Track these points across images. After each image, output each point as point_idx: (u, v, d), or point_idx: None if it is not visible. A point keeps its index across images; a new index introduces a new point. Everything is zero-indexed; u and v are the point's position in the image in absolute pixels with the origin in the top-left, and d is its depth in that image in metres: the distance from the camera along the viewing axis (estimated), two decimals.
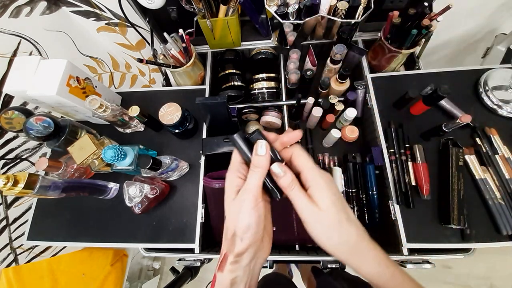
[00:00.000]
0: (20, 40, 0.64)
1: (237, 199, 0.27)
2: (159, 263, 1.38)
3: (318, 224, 0.27)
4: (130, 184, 0.53)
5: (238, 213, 0.26)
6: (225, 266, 0.27)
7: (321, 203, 0.27)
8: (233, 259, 0.26)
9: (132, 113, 0.58)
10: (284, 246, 0.59)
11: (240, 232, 0.26)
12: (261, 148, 0.27)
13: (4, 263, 0.76)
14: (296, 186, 0.27)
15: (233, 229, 0.27)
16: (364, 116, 0.68)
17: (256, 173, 0.27)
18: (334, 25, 0.63)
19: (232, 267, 0.26)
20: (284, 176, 0.27)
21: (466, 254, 0.53)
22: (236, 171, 0.28)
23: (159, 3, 0.59)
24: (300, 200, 0.27)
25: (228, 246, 0.27)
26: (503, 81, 0.59)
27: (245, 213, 0.26)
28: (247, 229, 0.26)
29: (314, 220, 0.27)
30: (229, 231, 0.27)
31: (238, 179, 0.28)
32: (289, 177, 0.27)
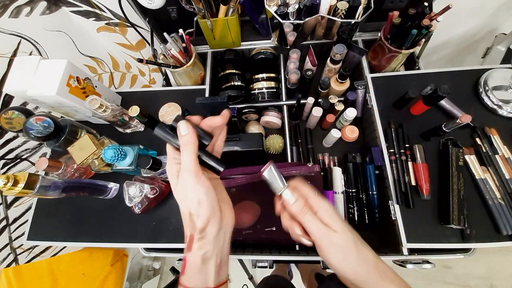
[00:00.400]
0: (20, 40, 0.64)
1: (179, 182, 0.27)
2: (159, 263, 1.38)
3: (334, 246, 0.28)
4: (130, 184, 0.53)
5: (185, 193, 0.27)
6: (192, 245, 0.27)
7: (334, 224, 0.28)
8: (198, 235, 0.27)
9: (132, 113, 0.58)
10: (284, 246, 0.59)
11: (194, 209, 0.26)
12: (183, 128, 0.27)
13: (4, 263, 0.76)
14: (309, 211, 0.28)
15: (187, 210, 0.27)
16: (364, 116, 0.68)
17: (186, 151, 0.27)
18: (334, 25, 0.63)
19: (199, 244, 0.27)
20: (296, 202, 0.28)
21: (466, 254, 0.53)
22: (172, 159, 0.29)
23: (159, 3, 0.59)
24: (314, 223, 0.28)
25: (189, 227, 0.27)
26: (503, 81, 0.59)
27: (191, 190, 0.26)
28: (199, 204, 0.26)
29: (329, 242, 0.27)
30: (185, 214, 0.27)
31: (176, 165, 0.28)
32: (301, 203, 0.28)
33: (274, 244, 0.60)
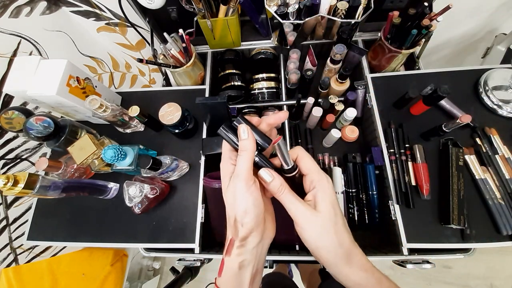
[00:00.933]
0: (20, 40, 0.64)
1: (230, 186, 0.27)
2: (159, 263, 1.38)
3: (313, 227, 0.27)
4: (130, 184, 0.53)
5: (234, 199, 0.27)
6: (232, 250, 0.27)
7: (321, 204, 0.27)
8: (238, 243, 0.27)
9: (132, 113, 0.58)
10: (284, 246, 0.59)
11: (240, 217, 0.26)
12: (243, 132, 0.27)
13: (4, 263, 0.76)
14: (286, 189, 0.27)
15: (233, 216, 0.27)
16: (364, 116, 0.68)
17: (242, 157, 0.26)
18: (334, 25, 0.63)
19: (239, 251, 0.27)
20: (273, 181, 0.27)
21: (466, 254, 0.53)
22: (228, 159, 0.29)
23: (159, 3, 0.59)
24: (291, 202, 0.27)
25: (232, 232, 0.27)
26: (503, 81, 0.59)
27: (240, 198, 0.26)
28: (245, 214, 0.26)
29: (309, 222, 0.27)
30: (230, 218, 0.27)
31: (231, 166, 0.28)
32: (278, 182, 0.27)
33: (274, 244, 0.60)
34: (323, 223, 0.27)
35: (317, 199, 0.28)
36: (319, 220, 0.27)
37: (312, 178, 0.28)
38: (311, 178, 0.28)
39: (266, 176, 0.27)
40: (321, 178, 0.28)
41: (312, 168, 0.29)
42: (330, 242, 0.27)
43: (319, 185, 0.28)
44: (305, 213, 0.27)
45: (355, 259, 0.27)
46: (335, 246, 0.27)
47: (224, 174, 0.28)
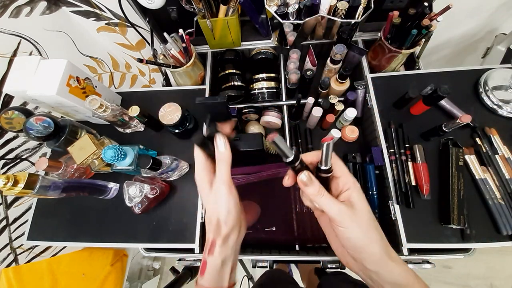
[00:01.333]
0: (20, 40, 0.64)
1: (213, 191, 0.30)
2: (159, 263, 1.38)
3: (356, 225, 0.28)
4: (130, 184, 0.53)
5: (218, 201, 0.30)
6: (214, 250, 0.30)
7: (359, 204, 0.28)
8: (221, 241, 0.30)
9: (132, 113, 0.58)
10: (284, 246, 0.59)
11: (223, 217, 0.30)
12: (221, 144, 0.30)
13: (4, 263, 0.76)
14: (325, 192, 0.28)
15: (216, 217, 0.30)
16: (364, 116, 0.68)
17: (223, 165, 0.30)
18: (334, 25, 0.63)
19: (221, 249, 0.30)
20: (311, 185, 0.28)
21: (466, 254, 0.53)
22: (204, 169, 0.32)
23: (159, 3, 0.59)
24: (333, 204, 0.28)
25: (214, 232, 0.30)
26: (503, 81, 0.59)
27: (224, 200, 0.30)
28: (228, 213, 0.30)
29: (352, 221, 0.28)
30: (212, 220, 0.30)
31: (208, 174, 0.31)
32: (316, 186, 0.28)
33: (274, 244, 0.60)
34: (367, 219, 0.28)
35: (353, 199, 0.29)
36: (363, 217, 0.28)
37: (346, 180, 0.29)
38: (344, 180, 0.30)
39: (306, 179, 0.28)
40: (354, 180, 0.30)
41: (345, 170, 0.30)
42: (376, 236, 0.28)
43: (354, 186, 0.29)
44: (347, 213, 0.28)
45: (394, 254, 0.29)
46: (381, 239, 0.28)
47: (203, 181, 0.31)
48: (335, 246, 0.33)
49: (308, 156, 0.31)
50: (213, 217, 0.30)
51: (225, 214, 0.30)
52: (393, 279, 0.28)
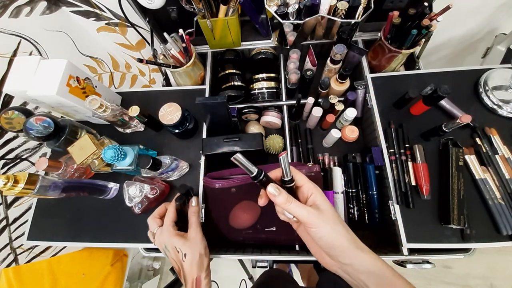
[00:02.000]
0: (20, 40, 0.64)
1: (191, 237, 0.42)
2: (159, 263, 1.38)
3: (325, 223, 0.31)
4: (130, 184, 0.53)
5: (197, 242, 0.42)
6: (201, 285, 0.39)
7: (323, 205, 0.32)
8: (205, 274, 0.40)
9: (132, 113, 0.58)
10: (284, 246, 0.59)
11: (203, 252, 0.42)
12: (195, 201, 0.47)
13: (4, 263, 0.76)
14: (293, 199, 0.32)
15: (198, 253, 0.41)
16: (364, 116, 0.68)
17: (195, 215, 0.46)
18: (334, 25, 0.63)
19: (206, 281, 0.40)
20: (280, 195, 0.31)
21: (466, 254, 0.53)
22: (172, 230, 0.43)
23: (159, 3, 0.59)
24: (302, 209, 0.31)
25: (197, 268, 0.40)
26: (503, 81, 0.59)
27: (201, 240, 0.43)
28: (205, 249, 0.42)
29: (320, 220, 0.31)
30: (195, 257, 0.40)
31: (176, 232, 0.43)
32: (284, 195, 0.31)
33: (274, 244, 0.60)
34: (332, 217, 0.31)
35: (318, 202, 0.32)
36: (329, 216, 0.31)
37: (308, 186, 0.33)
38: (306, 187, 0.33)
39: (274, 191, 0.31)
40: (315, 185, 0.34)
41: (305, 179, 0.34)
42: (342, 230, 0.31)
43: (316, 191, 0.33)
44: (315, 213, 0.31)
45: (361, 245, 0.32)
46: (347, 233, 0.32)
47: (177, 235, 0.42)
48: (313, 250, 0.36)
49: (273, 173, 0.35)
50: (195, 254, 0.40)
51: (203, 249, 0.42)
52: (366, 268, 0.30)
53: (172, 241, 0.41)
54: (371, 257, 0.31)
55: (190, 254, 0.39)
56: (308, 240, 0.37)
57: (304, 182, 0.34)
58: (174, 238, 0.41)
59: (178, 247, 0.40)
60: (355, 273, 0.31)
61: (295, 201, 0.32)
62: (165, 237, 0.41)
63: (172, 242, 0.40)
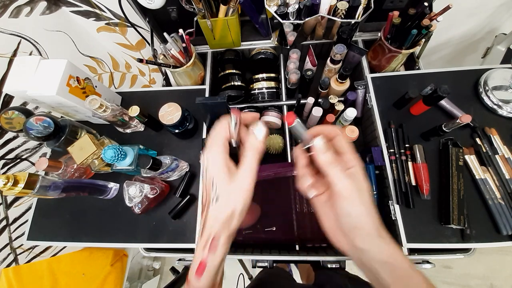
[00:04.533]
0: (20, 40, 0.64)
1: (237, 179, 0.27)
2: (159, 263, 1.38)
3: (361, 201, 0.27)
4: (130, 184, 0.53)
5: (239, 191, 0.27)
6: (217, 247, 0.27)
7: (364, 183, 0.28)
8: (226, 237, 0.27)
9: (132, 113, 0.58)
10: (284, 246, 0.59)
11: (239, 210, 0.27)
12: (260, 133, 0.28)
13: (4, 263, 0.76)
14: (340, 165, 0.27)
15: (232, 208, 0.27)
16: (364, 116, 0.68)
17: (254, 154, 0.28)
18: (334, 25, 0.63)
19: (225, 246, 0.27)
20: (328, 152, 0.27)
21: (466, 254, 0.53)
22: (224, 151, 0.28)
23: (159, 3, 0.59)
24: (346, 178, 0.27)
25: (220, 226, 0.27)
26: (503, 81, 0.59)
27: (246, 191, 0.27)
28: (244, 207, 0.27)
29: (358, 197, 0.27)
30: (224, 211, 0.27)
31: (227, 159, 0.28)
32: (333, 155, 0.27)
33: (274, 244, 0.60)
34: (369, 198, 0.27)
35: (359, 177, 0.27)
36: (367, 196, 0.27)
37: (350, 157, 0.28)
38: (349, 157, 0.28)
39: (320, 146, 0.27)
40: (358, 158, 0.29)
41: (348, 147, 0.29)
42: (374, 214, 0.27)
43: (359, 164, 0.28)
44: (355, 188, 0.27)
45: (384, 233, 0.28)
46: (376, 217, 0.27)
47: (223, 167, 0.28)
48: (328, 224, 0.31)
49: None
50: (227, 207, 0.27)
51: (241, 207, 0.27)
52: (382, 258, 0.27)
53: (214, 169, 0.28)
54: (390, 247, 0.28)
55: (223, 204, 0.27)
56: (325, 213, 0.31)
57: (347, 151, 0.29)
58: (220, 166, 0.28)
59: (215, 182, 0.27)
60: (369, 260, 0.28)
61: (342, 165, 0.27)
62: (211, 157, 0.28)
63: (214, 170, 0.28)
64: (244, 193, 0.27)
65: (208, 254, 0.27)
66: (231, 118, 0.28)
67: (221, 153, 0.28)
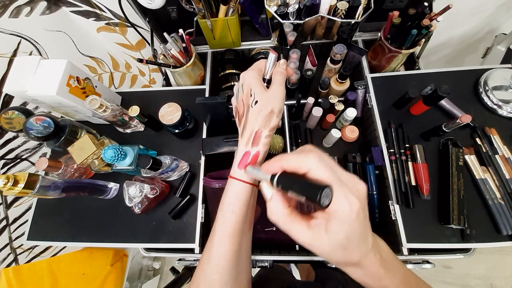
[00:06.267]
0: (20, 40, 0.64)
1: (272, 89, 0.33)
2: (159, 263, 1.38)
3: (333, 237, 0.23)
4: (130, 184, 0.53)
5: (276, 97, 0.33)
6: (260, 140, 0.32)
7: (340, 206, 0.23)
8: (268, 132, 0.32)
9: (132, 113, 0.58)
10: (284, 246, 0.59)
11: (278, 111, 0.33)
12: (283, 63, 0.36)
13: (4, 263, 0.76)
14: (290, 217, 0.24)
15: (271, 107, 0.32)
16: (364, 116, 0.68)
17: (282, 75, 0.35)
18: (334, 25, 0.63)
19: (266, 141, 0.32)
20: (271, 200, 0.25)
21: (466, 254, 0.53)
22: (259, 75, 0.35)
23: (159, 3, 0.59)
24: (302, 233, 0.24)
25: (262, 122, 0.32)
26: (503, 81, 0.59)
27: (281, 97, 0.33)
28: (281, 109, 0.33)
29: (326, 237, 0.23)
30: (264, 109, 0.32)
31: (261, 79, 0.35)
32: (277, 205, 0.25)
33: (274, 244, 0.60)
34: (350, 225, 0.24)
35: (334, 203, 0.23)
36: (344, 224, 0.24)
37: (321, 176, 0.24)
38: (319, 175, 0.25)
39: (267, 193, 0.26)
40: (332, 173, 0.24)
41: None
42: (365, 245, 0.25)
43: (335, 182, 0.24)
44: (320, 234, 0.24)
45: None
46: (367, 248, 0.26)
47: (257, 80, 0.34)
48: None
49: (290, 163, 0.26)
50: (267, 107, 0.32)
51: (279, 107, 0.32)
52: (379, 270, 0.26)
53: (251, 81, 0.34)
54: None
55: (262, 104, 0.32)
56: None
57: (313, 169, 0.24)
58: (256, 80, 0.34)
59: (253, 91, 0.33)
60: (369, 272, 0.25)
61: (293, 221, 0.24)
62: (248, 75, 0.35)
63: (251, 82, 0.34)
64: (279, 96, 0.33)
65: (252, 147, 0.32)
66: (270, 56, 0.35)
67: (257, 75, 0.35)
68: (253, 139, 0.32)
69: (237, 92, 0.37)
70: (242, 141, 0.33)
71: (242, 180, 0.31)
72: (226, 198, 0.32)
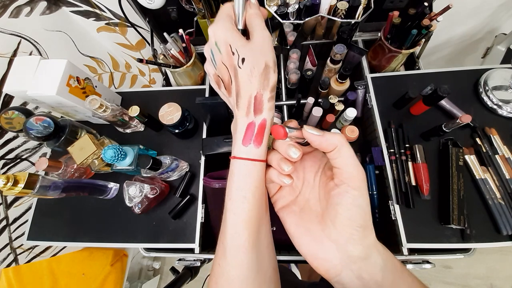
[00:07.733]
0: (20, 40, 0.64)
1: (256, 37, 0.26)
2: (159, 263, 1.38)
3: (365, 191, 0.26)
4: (130, 184, 0.53)
5: (263, 47, 0.25)
6: (263, 105, 0.25)
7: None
8: (269, 93, 0.26)
9: (132, 113, 0.58)
10: (284, 246, 0.59)
11: (272, 63, 0.26)
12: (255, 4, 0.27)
13: (4, 263, 0.76)
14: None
15: (265, 61, 0.25)
16: (364, 116, 0.68)
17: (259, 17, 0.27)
18: (334, 25, 0.63)
19: (270, 104, 0.26)
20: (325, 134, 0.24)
21: (466, 254, 0.53)
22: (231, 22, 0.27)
23: (159, 3, 0.59)
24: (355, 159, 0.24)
25: (259, 83, 0.25)
26: (503, 81, 0.59)
27: (270, 45, 0.26)
28: (275, 61, 0.26)
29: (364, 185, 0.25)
30: (257, 67, 0.25)
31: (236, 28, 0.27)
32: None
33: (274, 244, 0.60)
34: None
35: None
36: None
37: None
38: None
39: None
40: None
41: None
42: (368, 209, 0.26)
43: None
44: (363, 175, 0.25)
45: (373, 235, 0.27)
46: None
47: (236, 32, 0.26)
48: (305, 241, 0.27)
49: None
50: (260, 62, 0.25)
51: (272, 57, 0.25)
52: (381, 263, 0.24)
53: (228, 35, 0.25)
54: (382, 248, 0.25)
55: (252, 60, 0.25)
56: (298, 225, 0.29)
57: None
58: (233, 32, 0.25)
59: (235, 47, 0.25)
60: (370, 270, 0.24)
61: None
62: (220, 27, 0.26)
63: (227, 36, 0.25)
64: (268, 43, 0.26)
65: (255, 116, 0.25)
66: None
67: (230, 25, 0.26)
68: (254, 106, 0.25)
69: (211, 55, 0.28)
70: (241, 113, 0.26)
71: (251, 158, 0.25)
72: (233, 183, 0.26)
